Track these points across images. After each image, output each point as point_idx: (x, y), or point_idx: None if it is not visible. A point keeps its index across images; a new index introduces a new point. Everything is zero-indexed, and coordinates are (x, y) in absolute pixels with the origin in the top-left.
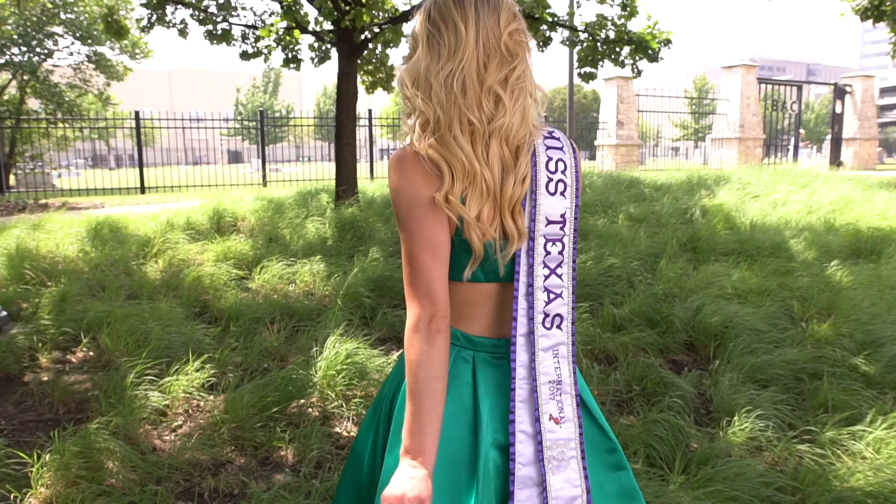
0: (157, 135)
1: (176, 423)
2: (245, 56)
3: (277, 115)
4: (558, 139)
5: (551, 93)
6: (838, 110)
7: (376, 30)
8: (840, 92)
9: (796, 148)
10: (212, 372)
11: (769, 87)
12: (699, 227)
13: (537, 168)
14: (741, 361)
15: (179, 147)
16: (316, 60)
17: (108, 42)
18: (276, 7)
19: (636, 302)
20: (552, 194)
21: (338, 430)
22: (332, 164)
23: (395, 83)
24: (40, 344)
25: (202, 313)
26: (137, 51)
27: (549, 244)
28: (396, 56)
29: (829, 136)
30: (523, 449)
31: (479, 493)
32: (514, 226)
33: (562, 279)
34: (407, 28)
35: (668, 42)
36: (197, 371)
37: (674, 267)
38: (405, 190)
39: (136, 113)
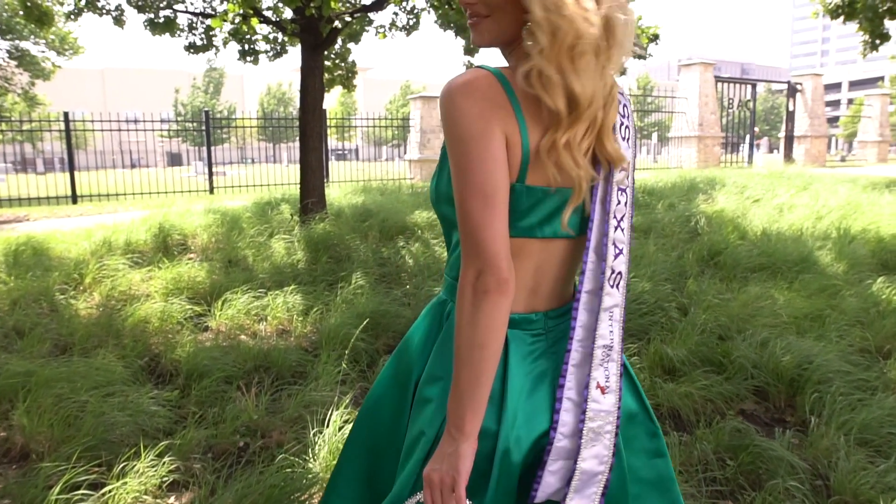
0: (91, 137)
1: None
2: (192, 49)
3: (220, 115)
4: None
5: None
6: (790, 108)
7: (348, 18)
8: (792, 90)
9: (751, 146)
10: (172, 466)
11: (722, 85)
12: (715, 239)
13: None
14: (847, 419)
15: (115, 149)
16: (271, 54)
17: (32, 36)
18: None
19: (691, 339)
20: (624, 139)
21: None
22: (280, 167)
23: (355, 81)
24: None
25: (152, 368)
26: (66, 46)
27: (619, 193)
28: (358, 52)
29: (779, 134)
30: (567, 418)
31: (496, 483)
32: (611, 153)
33: (624, 233)
34: (379, 18)
35: (656, 37)
36: (152, 467)
37: (710, 289)
38: (464, 120)
39: (66, 114)
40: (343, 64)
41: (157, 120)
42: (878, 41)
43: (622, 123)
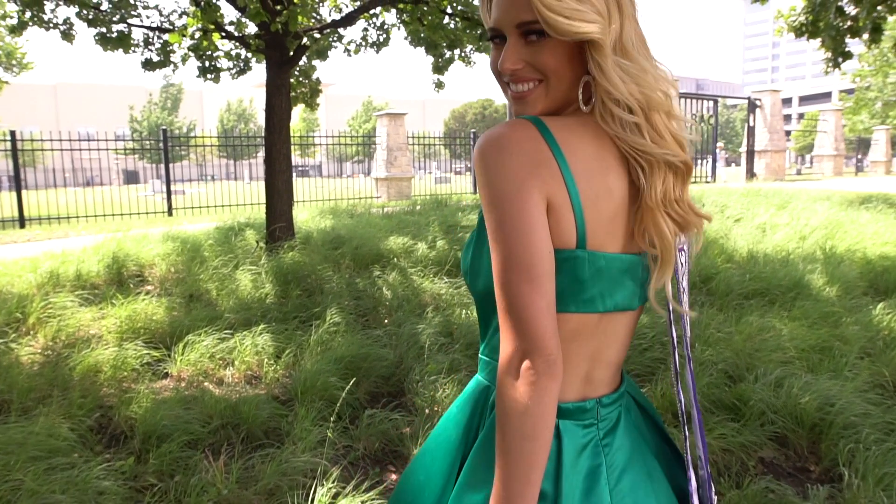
0: (41, 155)
1: None
2: (149, 65)
3: (178, 132)
4: None
5: (462, 107)
6: (751, 123)
7: (316, 35)
8: (752, 106)
9: (714, 161)
10: None
11: (682, 100)
12: (704, 264)
13: None
14: (885, 473)
15: (67, 168)
16: (234, 72)
17: None
18: (187, 5)
19: (701, 379)
20: None
21: None
22: (242, 184)
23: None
24: None
25: (102, 426)
26: (13, 62)
27: (679, 253)
28: (320, 67)
29: (739, 148)
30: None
31: None
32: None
33: (685, 295)
34: (348, 34)
35: None
36: None
37: (710, 321)
38: (496, 179)
39: (12, 133)
40: (307, 81)
41: (112, 139)
42: (840, 59)
43: None
